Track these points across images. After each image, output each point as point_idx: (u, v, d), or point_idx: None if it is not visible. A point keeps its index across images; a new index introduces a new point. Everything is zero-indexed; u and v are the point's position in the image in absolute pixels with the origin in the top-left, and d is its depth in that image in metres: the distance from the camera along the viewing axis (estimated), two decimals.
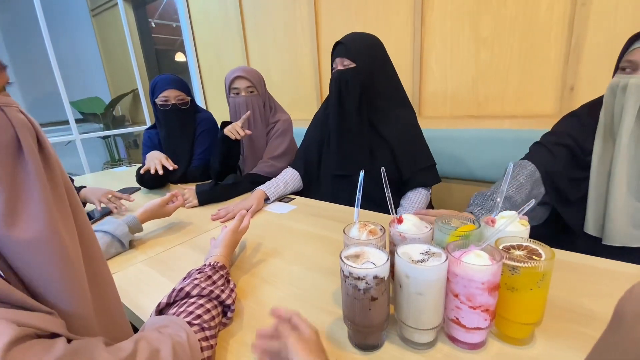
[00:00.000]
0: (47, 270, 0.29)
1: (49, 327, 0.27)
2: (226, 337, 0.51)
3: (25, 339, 0.24)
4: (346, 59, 1.03)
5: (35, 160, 0.29)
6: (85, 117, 3.34)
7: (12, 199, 0.28)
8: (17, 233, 0.27)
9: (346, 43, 1.04)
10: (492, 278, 0.41)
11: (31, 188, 0.29)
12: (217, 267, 0.57)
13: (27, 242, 0.28)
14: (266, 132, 1.39)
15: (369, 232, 0.51)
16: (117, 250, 0.80)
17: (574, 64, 1.22)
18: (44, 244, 0.29)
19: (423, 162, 1.09)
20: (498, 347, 0.46)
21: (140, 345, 0.34)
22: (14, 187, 0.28)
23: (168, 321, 0.44)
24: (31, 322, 0.26)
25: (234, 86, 1.31)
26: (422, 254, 0.44)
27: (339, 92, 1.06)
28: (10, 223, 0.27)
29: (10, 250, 0.28)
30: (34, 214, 0.28)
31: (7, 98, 0.30)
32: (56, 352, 0.25)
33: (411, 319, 0.44)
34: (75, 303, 0.32)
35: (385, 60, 1.09)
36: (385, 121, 1.07)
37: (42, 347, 0.25)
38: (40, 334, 0.26)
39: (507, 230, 0.49)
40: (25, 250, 0.28)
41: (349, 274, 0.42)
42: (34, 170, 0.29)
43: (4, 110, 0.29)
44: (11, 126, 0.29)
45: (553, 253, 0.42)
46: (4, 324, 0.24)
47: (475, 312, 0.42)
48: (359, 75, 1.02)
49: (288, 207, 1.07)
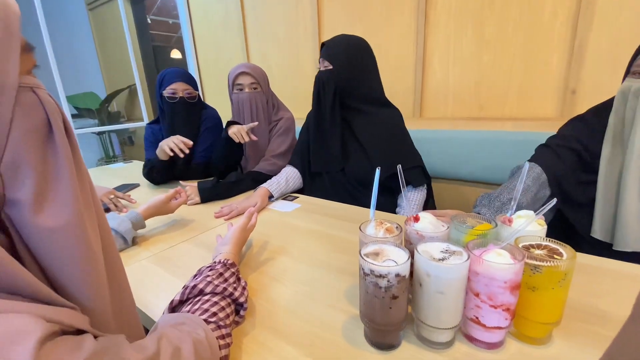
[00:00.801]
0: (70, 260, 0.28)
1: (75, 323, 0.26)
2: (240, 335, 0.50)
3: (54, 336, 0.23)
4: (326, 60, 1.07)
5: (64, 145, 0.28)
6: (80, 113, 3.28)
7: (41, 184, 0.27)
8: (43, 220, 0.26)
9: (328, 45, 1.08)
10: (515, 277, 0.41)
11: (60, 173, 0.28)
12: (228, 265, 0.56)
13: (53, 230, 0.27)
14: (268, 130, 1.37)
15: (385, 230, 0.51)
16: (120, 247, 0.78)
17: (576, 67, 1.23)
18: (70, 233, 0.28)
19: (406, 163, 1.07)
20: (516, 346, 0.46)
21: (162, 343, 0.33)
22: (43, 172, 0.27)
23: (184, 318, 0.42)
24: (58, 318, 0.24)
25: (237, 82, 1.30)
26: (442, 252, 0.44)
27: (317, 92, 1.11)
28: (38, 209, 0.26)
29: (36, 238, 0.27)
30: (62, 201, 0.27)
31: (36, 80, 0.28)
32: (86, 349, 0.24)
33: (431, 318, 0.44)
34: (94, 298, 0.31)
35: (365, 63, 1.09)
36: (360, 122, 1.11)
37: (71, 344, 0.24)
38: (65, 330, 0.25)
39: (524, 229, 0.49)
40: (51, 239, 0.27)
41: (370, 271, 0.42)
42: (63, 155, 0.28)
43: (35, 91, 0.27)
44: (42, 108, 0.27)
45: (574, 252, 0.42)
46: (33, 320, 0.22)
47: (496, 312, 0.42)
48: (334, 77, 1.06)
49: (292, 205, 1.06)
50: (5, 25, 0.25)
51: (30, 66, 0.28)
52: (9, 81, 0.25)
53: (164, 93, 1.31)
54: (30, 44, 0.28)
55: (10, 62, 0.25)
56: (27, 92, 0.27)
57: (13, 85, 0.25)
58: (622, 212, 0.78)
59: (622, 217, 0.78)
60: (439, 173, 1.53)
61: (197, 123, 1.40)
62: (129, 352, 0.27)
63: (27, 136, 0.26)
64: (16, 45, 0.26)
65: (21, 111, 0.26)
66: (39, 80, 0.29)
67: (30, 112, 0.27)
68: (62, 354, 0.22)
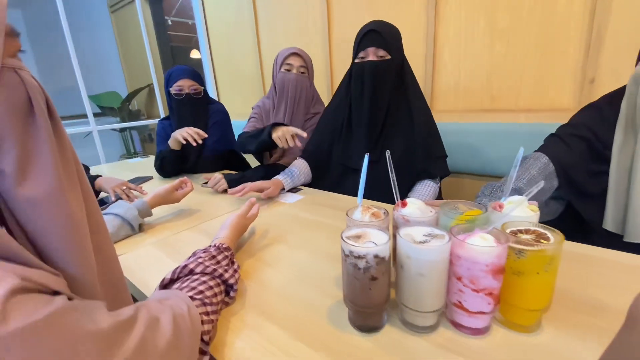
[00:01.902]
0: (53, 228, 0.30)
1: (52, 285, 0.28)
2: (228, 315, 0.51)
3: (27, 291, 0.25)
4: (382, 49, 0.99)
5: (45, 122, 0.30)
6: (104, 111, 3.44)
7: (23, 157, 0.29)
8: (26, 190, 0.28)
9: (381, 32, 0.99)
10: (497, 260, 0.40)
11: (41, 148, 0.30)
12: (222, 248, 0.58)
13: (34, 199, 0.29)
14: (304, 120, 1.37)
15: (371, 214, 0.51)
16: (126, 233, 0.81)
17: (594, 55, 1.17)
18: (50, 203, 0.30)
19: (437, 152, 1.08)
20: (502, 333, 0.45)
21: (141, 312, 0.34)
22: (24, 145, 0.29)
23: (170, 294, 0.44)
24: (34, 278, 0.26)
25: (288, 62, 1.30)
26: (424, 235, 0.44)
27: (373, 85, 1.02)
28: (21, 180, 0.28)
29: (20, 207, 0.29)
30: (42, 173, 0.29)
31: (19, 62, 0.30)
32: (56, 305, 0.25)
33: (412, 301, 0.43)
34: (80, 267, 0.33)
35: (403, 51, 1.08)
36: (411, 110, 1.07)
37: (43, 299, 0.25)
38: (42, 290, 0.27)
39: (515, 215, 0.48)
40: (33, 208, 0.29)
41: (349, 252, 0.42)
42: (44, 131, 0.30)
43: (18, 72, 0.30)
44: (24, 87, 0.30)
45: (562, 237, 0.41)
46: (8, 275, 0.24)
47: (479, 296, 0.41)
48: (394, 68, 1.00)
49: (296, 197, 1.07)
50: None
51: (14, 50, 0.30)
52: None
53: (171, 90, 1.35)
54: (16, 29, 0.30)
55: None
56: (9, 73, 0.29)
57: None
58: (633, 201, 0.74)
59: (634, 207, 0.74)
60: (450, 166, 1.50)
61: (204, 117, 1.44)
62: (103, 316, 0.29)
63: (9, 112, 0.28)
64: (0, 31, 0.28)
65: (3, 89, 0.28)
66: (23, 64, 0.31)
67: (13, 90, 0.29)
68: (30, 306, 0.24)
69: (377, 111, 1.06)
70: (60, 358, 0.24)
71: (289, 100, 1.30)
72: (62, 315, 0.26)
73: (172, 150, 1.31)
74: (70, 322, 0.26)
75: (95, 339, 0.27)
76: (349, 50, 1.66)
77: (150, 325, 0.33)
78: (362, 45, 1.02)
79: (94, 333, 0.27)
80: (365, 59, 1.02)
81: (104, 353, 0.27)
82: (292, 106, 1.31)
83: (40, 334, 0.24)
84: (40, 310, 0.24)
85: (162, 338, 0.34)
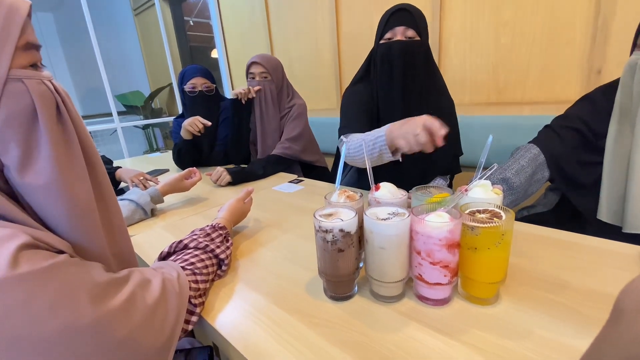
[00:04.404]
0: (55, 210, 0.36)
1: (57, 245, 0.34)
2: (220, 285, 0.58)
3: (36, 247, 0.31)
4: (411, 29, 0.92)
5: (48, 124, 0.36)
6: (129, 109, 3.64)
7: (25, 154, 0.35)
8: (28, 179, 0.35)
9: (412, 11, 0.92)
10: (450, 235, 0.44)
11: (42, 146, 0.35)
12: (217, 227, 0.65)
13: (37, 186, 0.35)
14: (280, 116, 1.46)
15: (347, 197, 0.55)
16: (140, 217, 0.90)
17: (600, 46, 1.15)
18: (51, 189, 0.36)
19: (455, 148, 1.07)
20: (462, 305, 0.48)
21: (134, 273, 0.40)
22: (27, 145, 0.35)
23: (164, 264, 0.51)
24: (42, 238, 0.33)
25: (250, 71, 1.43)
26: (388, 214, 0.48)
27: (403, 65, 0.93)
28: (23, 172, 0.34)
29: (25, 192, 0.36)
30: (42, 166, 0.35)
31: (32, 72, 0.36)
32: (59, 259, 0.32)
33: (376, 272, 0.48)
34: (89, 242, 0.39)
35: None
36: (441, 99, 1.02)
37: (48, 254, 0.32)
38: (48, 249, 0.33)
39: (479, 197, 0.51)
40: (35, 194, 0.35)
41: (319, 227, 0.47)
42: (46, 133, 0.35)
43: (24, 81, 0.35)
44: (29, 96, 0.35)
45: (512, 214, 0.44)
46: (20, 233, 0.31)
47: (435, 268, 0.45)
48: (425, 50, 0.94)
49: (295, 187, 1.13)
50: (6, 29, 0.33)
51: (29, 61, 0.36)
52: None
53: (185, 87, 1.44)
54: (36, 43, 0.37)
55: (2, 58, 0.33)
56: (15, 83, 0.34)
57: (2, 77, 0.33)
58: (631, 192, 0.75)
59: (632, 197, 0.74)
60: None
61: (216, 113, 1.52)
62: (99, 272, 0.35)
63: (13, 119, 0.34)
64: (11, 43, 0.34)
65: (7, 99, 0.34)
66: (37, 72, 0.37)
67: (17, 99, 0.34)
68: (37, 258, 0.30)
69: (410, 94, 0.96)
70: (58, 300, 0.30)
71: (255, 104, 1.45)
72: (63, 266, 0.32)
73: (185, 140, 1.40)
74: (70, 272, 0.32)
75: (90, 288, 0.33)
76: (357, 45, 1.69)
77: (141, 284, 0.39)
78: (389, 24, 0.94)
79: (89, 283, 0.33)
80: (393, 39, 0.94)
81: (96, 300, 0.33)
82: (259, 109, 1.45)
83: (44, 279, 0.30)
84: (45, 261, 0.31)
85: (150, 296, 0.39)
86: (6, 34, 0.33)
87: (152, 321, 0.38)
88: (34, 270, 0.29)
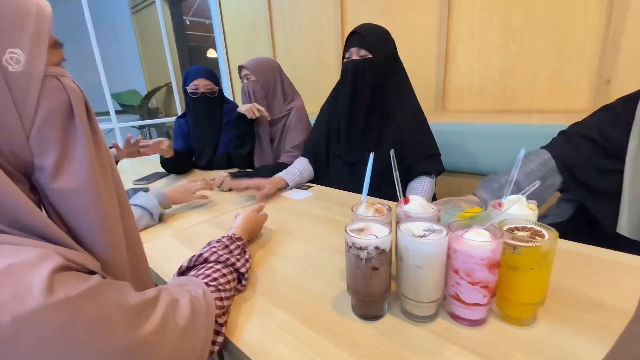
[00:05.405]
0: (86, 217, 0.34)
1: (89, 265, 0.32)
2: (241, 301, 0.55)
3: (68, 269, 0.29)
4: (362, 49, 1.06)
5: (83, 123, 0.35)
6: (124, 109, 3.57)
7: (61, 156, 0.33)
8: (61, 183, 0.33)
9: (362, 33, 1.07)
10: (492, 255, 0.42)
11: (78, 147, 0.34)
12: (234, 238, 0.62)
13: (69, 191, 0.33)
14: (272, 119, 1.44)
15: (375, 210, 0.53)
16: (147, 223, 0.87)
17: (611, 56, 1.15)
18: (83, 195, 0.34)
19: (427, 150, 1.11)
20: (498, 325, 0.47)
21: (162, 293, 0.38)
22: (64, 146, 0.33)
23: (187, 280, 0.49)
24: (74, 259, 0.31)
25: (241, 75, 1.43)
26: (424, 230, 0.46)
27: (354, 81, 1.08)
28: (57, 174, 0.33)
29: (57, 198, 0.33)
30: (77, 168, 0.33)
31: (62, 70, 0.35)
32: (93, 281, 0.30)
33: (411, 291, 0.46)
34: (111, 252, 0.37)
35: (395, 52, 1.13)
36: (396, 109, 1.11)
37: (82, 277, 0.30)
38: (80, 270, 0.31)
39: (514, 213, 0.50)
40: (67, 199, 0.33)
41: (352, 244, 0.45)
42: (82, 133, 0.34)
43: (59, 79, 0.34)
44: (65, 93, 0.34)
45: (556, 234, 0.43)
46: (54, 254, 0.29)
47: (474, 288, 0.44)
48: (375, 66, 1.06)
49: (305, 194, 1.11)
50: (39, 26, 0.32)
51: (58, 59, 0.35)
52: (37, 70, 0.32)
53: (187, 88, 1.41)
54: (59, 41, 0.35)
55: (39, 55, 0.32)
56: (52, 80, 0.33)
57: (40, 74, 0.32)
58: None
59: None
60: (461, 167, 1.50)
61: (219, 116, 1.49)
62: (131, 293, 0.33)
63: (51, 115, 0.32)
64: (44, 42, 0.33)
65: (46, 95, 0.32)
66: (65, 71, 0.35)
67: (54, 95, 0.33)
68: (72, 281, 0.28)
69: (356, 109, 1.11)
70: (95, 327, 0.28)
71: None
72: (98, 290, 0.30)
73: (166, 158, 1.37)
74: (105, 296, 0.30)
75: (125, 311, 0.31)
76: None
77: (171, 304, 0.37)
78: (346, 46, 1.11)
79: (124, 307, 0.31)
80: (349, 59, 1.09)
81: (132, 324, 0.31)
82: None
83: (80, 305, 0.28)
84: (80, 284, 0.28)
85: (181, 317, 0.38)
86: (39, 32, 0.32)
87: (183, 343, 0.36)
88: (71, 297, 0.27)
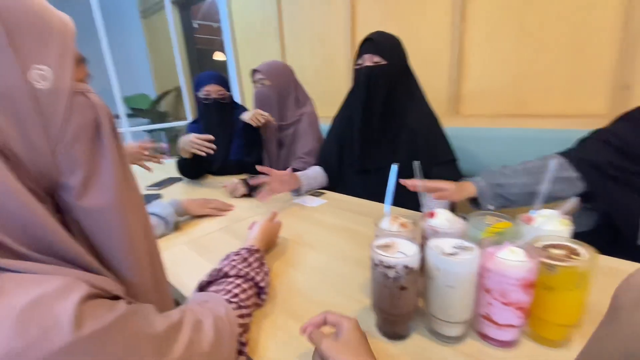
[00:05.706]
0: (111, 237, 0.34)
1: (113, 290, 0.31)
2: (260, 316, 0.54)
3: (94, 297, 0.28)
4: (376, 55, 1.05)
5: (110, 141, 0.34)
6: (134, 113, 3.60)
7: (89, 174, 0.32)
8: (87, 202, 0.32)
9: (376, 40, 1.06)
10: (527, 275, 0.40)
11: (105, 165, 0.33)
12: (252, 251, 0.61)
13: (95, 210, 0.32)
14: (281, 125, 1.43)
15: (400, 224, 0.52)
16: (162, 232, 0.86)
17: (629, 61, 1.13)
18: (110, 214, 0.33)
19: (443, 155, 1.09)
20: (530, 347, 0.45)
21: (186, 314, 0.37)
22: (91, 164, 0.33)
23: (209, 297, 0.48)
24: (100, 285, 0.30)
25: (254, 78, 1.42)
26: (454, 247, 0.45)
27: (367, 87, 1.07)
28: (83, 193, 0.32)
29: (83, 217, 0.33)
30: (104, 187, 0.33)
31: (87, 86, 0.34)
32: (120, 309, 0.29)
33: (440, 311, 0.44)
34: (135, 272, 0.36)
35: (407, 60, 1.12)
36: (410, 115, 1.09)
37: (108, 304, 0.29)
38: (105, 296, 0.30)
39: (546, 229, 0.48)
40: (94, 218, 0.33)
41: (379, 262, 0.44)
42: (109, 151, 0.33)
43: (87, 95, 0.33)
44: (93, 109, 0.33)
45: (595, 254, 0.41)
46: (80, 283, 0.28)
47: (508, 309, 0.42)
48: (388, 72, 1.05)
49: (319, 201, 1.10)
50: (64, 42, 0.32)
51: (83, 75, 0.34)
52: (64, 87, 0.31)
53: (199, 94, 1.41)
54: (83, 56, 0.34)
55: (65, 71, 0.31)
56: (79, 96, 0.32)
57: (67, 91, 0.31)
58: None
59: None
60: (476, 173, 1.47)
61: (230, 122, 1.48)
62: (156, 318, 0.32)
63: (79, 133, 0.32)
64: (70, 58, 0.32)
65: (74, 112, 0.32)
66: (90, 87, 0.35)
67: (82, 112, 0.32)
68: (100, 311, 0.27)
69: (370, 115, 1.09)
70: (124, 357, 0.28)
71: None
72: (125, 319, 0.29)
73: (184, 158, 1.35)
74: (132, 325, 0.30)
75: (152, 340, 0.31)
76: None
77: (195, 327, 0.36)
78: (359, 53, 1.10)
79: (151, 335, 0.31)
80: (362, 65, 1.08)
81: (160, 352, 0.31)
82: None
83: (109, 337, 0.27)
84: (107, 315, 0.28)
85: (205, 339, 0.37)
86: (64, 48, 0.32)
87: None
88: (99, 329, 0.26)
